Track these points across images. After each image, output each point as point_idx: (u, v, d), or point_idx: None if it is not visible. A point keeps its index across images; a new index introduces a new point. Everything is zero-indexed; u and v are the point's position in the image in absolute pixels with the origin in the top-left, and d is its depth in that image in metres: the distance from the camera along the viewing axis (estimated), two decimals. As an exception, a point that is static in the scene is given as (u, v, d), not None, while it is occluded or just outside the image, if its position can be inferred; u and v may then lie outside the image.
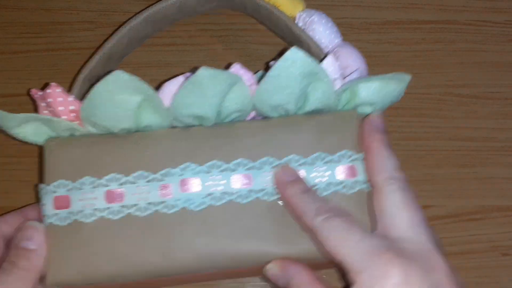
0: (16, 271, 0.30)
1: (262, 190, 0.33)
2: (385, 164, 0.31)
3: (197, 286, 0.39)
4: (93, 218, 0.32)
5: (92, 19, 0.44)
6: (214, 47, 0.43)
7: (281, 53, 0.32)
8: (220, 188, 0.33)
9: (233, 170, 0.33)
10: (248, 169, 0.33)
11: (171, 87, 0.33)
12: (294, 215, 0.32)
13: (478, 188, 0.41)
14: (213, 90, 0.31)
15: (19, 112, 0.42)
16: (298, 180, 0.32)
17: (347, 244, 0.28)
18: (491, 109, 0.43)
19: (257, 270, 0.33)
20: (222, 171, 0.33)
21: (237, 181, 0.33)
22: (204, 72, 0.30)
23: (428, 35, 0.44)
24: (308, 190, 0.31)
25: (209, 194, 0.32)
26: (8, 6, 0.44)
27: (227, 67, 0.33)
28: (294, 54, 0.31)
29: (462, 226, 0.41)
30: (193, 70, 0.32)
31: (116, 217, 0.32)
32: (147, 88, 0.31)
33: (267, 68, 0.33)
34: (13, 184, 0.41)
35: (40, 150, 0.37)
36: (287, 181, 0.32)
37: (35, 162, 0.41)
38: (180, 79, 0.33)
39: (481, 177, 0.42)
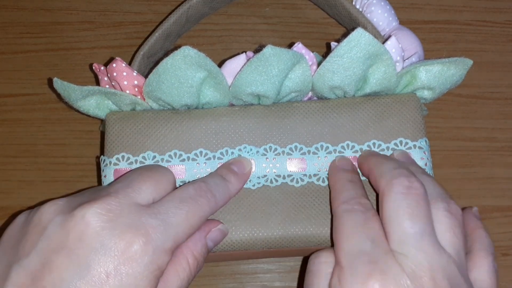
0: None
1: (316, 175, 0.33)
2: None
3: (196, 285, 0.39)
4: None
5: (92, 19, 0.44)
6: (214, 47, 0.43)
7: (344, 35, 0.31)
8: (274, 170, 0.33)
9: (289, 154, 0.33)
10: (303, 153, 0.33)
11: (232, 65, 0.33)
12: (330, 198, 0.32)
13: (478, 188, 0.41)
14: (277, 68, 0.32)
15: (18, 112, 0.42)
16: (352, 170, 0.32)
17: (347, 240, 0.28)
18: (491, 109, 0.43)
19: (307, 250, 0.33)
20: (277, 154, 0.33)
21: (292, 165, 0.33)
22: (270, 50, 0.31)
23: (428, 35, 0.44)
24: (356, 181, 0.31)
25: (264, 176, 0.33)
26: (8, 6, 0.44)
27: (289, 46, 0.33)
28: (359, 35, 0.31)
29: (462, 226, 0.41)
30: (256, 49, 0.32)
31: None
32: (212, 65, 0.32)
33: (328, 48, 0.32)
34: (13, 184, 0.41)
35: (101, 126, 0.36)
36: (341, 168, 0.32)
37: (35, 162, 0.41)
38: (242, 57, 0.33)
39: (481, 177, 0.41)
